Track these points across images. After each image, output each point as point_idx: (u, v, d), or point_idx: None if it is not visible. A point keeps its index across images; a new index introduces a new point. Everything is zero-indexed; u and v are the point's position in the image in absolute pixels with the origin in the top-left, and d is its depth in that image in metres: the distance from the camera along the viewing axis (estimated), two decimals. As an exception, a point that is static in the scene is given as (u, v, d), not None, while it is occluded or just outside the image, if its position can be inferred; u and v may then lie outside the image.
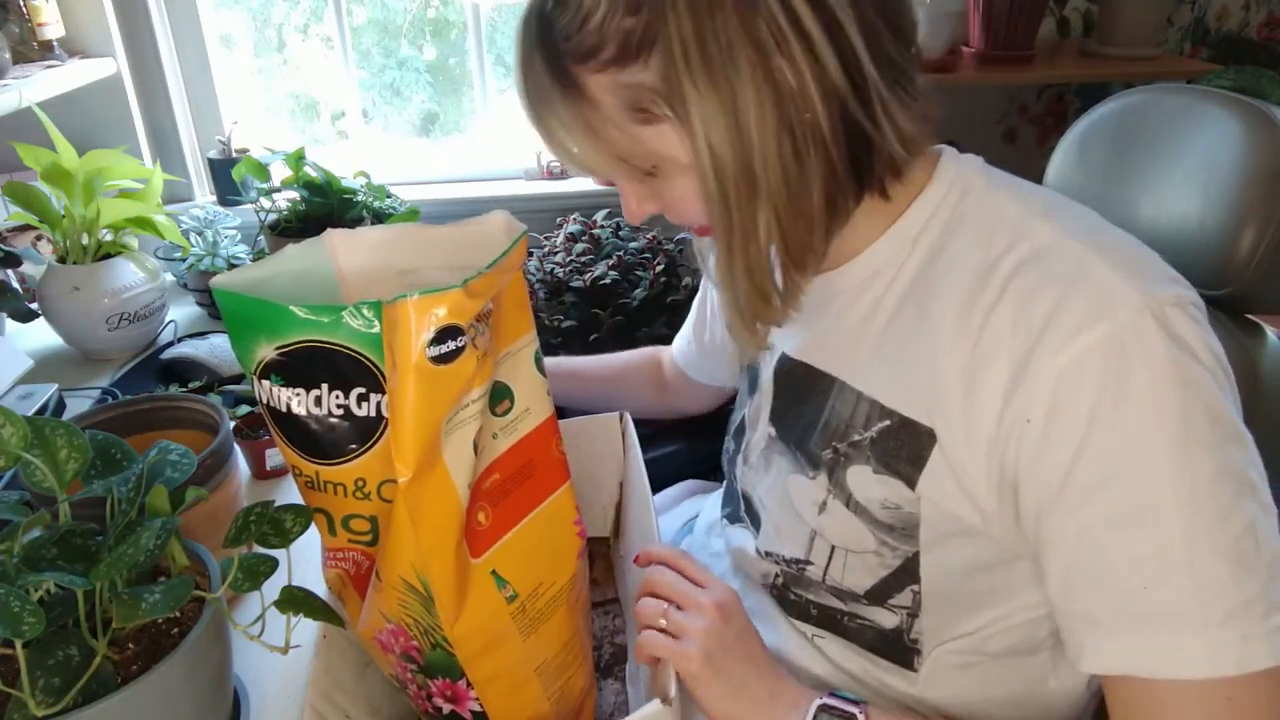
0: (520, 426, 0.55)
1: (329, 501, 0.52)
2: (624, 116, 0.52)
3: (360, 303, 0.47)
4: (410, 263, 0.57)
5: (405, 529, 0.48)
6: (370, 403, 0.49)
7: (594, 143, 0.54)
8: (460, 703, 0.56)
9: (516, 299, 0.55)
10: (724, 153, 0.50)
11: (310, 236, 0.57)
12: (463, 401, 0.49)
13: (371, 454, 0.50)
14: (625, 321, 1.62)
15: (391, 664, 0.57)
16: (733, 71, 0.48)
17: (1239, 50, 2.17)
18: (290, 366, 0.49)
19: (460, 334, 0.46)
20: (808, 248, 0.55)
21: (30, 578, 0.48)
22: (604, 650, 0.72)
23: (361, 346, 0.48)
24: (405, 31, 1.95)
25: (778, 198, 0.51)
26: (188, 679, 0.52)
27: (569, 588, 0.58)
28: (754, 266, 0.55)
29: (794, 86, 0.49)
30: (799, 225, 0.53)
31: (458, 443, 0.49)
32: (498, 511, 0.54)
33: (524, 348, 0.56)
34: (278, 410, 0.50)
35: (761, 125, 0.49)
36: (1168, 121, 0.75)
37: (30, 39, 1.40)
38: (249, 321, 0.49)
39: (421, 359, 0.45)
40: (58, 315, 1.19)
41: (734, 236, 0.54)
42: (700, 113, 0.49)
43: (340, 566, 0.55)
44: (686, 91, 0.49)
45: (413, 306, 0.44)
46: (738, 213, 0.52)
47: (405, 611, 0.52)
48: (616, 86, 0.51)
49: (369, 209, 1.32)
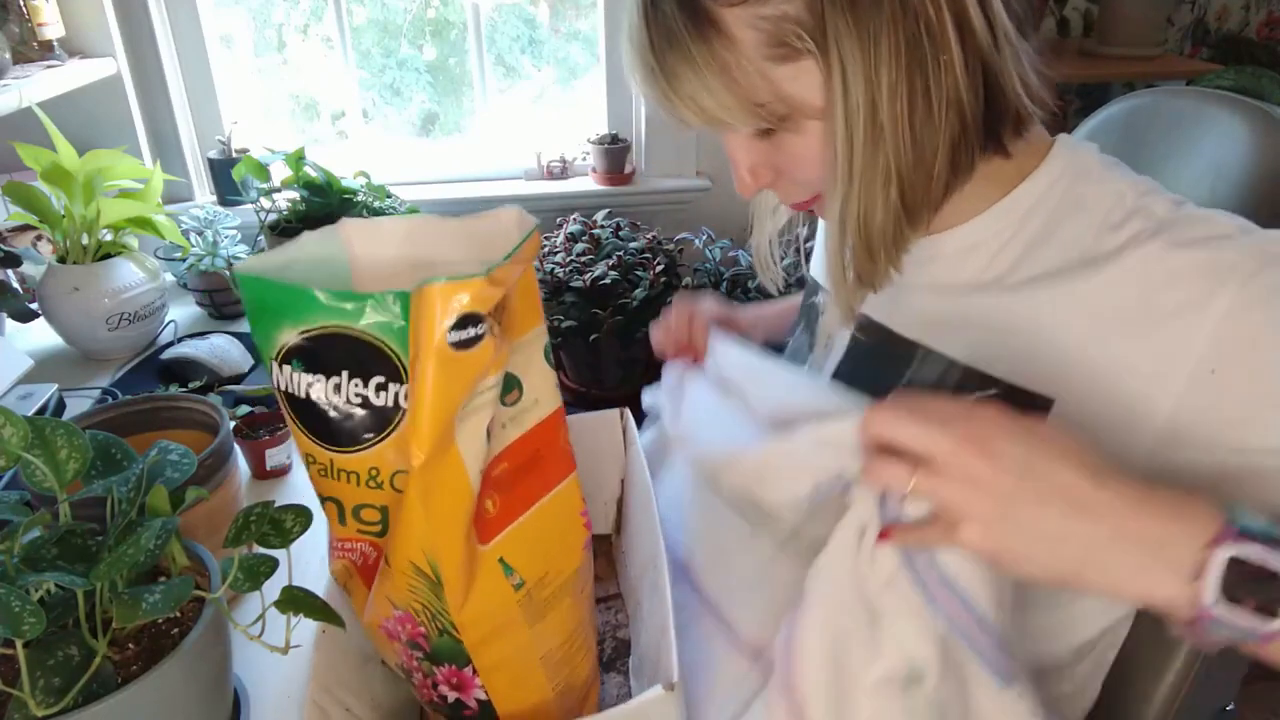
0: (529, 417, 0.56)
1: (341, 490, 0.52)
2: (763, 53, 0.51)
3: (386, 291, 0.47)
4: (423, 254, 0.57)
5: (417, 511, 0.49)
6: (389, 392, 0.49)
7: (729, 87, 0.53)
8: (466, 690, 0.56)
9: (527, 291, 0.55)
10: (857, 90, 0.50)
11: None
12: (479, 389, 0.49)
13: (386, 443, 0.50)
14: (625, 321, 1.62)
15: (397, 652, 0.57)
16: (875, 4, 0.48)
17: (1239, 50, 2.17)
18: (312, 352, 0.49)
19: (481, 321, 0.46)
20: (924, 200, 0.55)
21: (30, 578, 0.48)
22: (607, 644, 0.73)
23: (384, 335, 0.48)
24: (405, 31, 1.95)
25: (903, 142, 0.51)
26: (188, 679, 0.52)
27: (575, 578, 0.59)
28: (867, 218, 0.54)
29: (934, 22, 0.49)
30: (919, 175, 0.53)
31: (472, 429, 0.49)
32: (506, 500, 0.54)
33: (534, 340, 0.56)
34: (296, 396, 0.50)
35: (897, 63, 0.49)
36: (1173, 125, 0.75)
37: (30, 39, 1.40)
38: (271, 306, 0.49)
39: (443, 343, 0.45)
40: (58, 315, 1.19)
41: (853, 184, 0.53)
42: (843, 46, 0.49)
43: (347, 557, 0.55)
44: (831, 21, 0.49)
45: (438, 292, 0.45)
46: (860, 158, 0.52)
47: (413, 596, 0.52)
48: (758, 20, 0.50)
49: (369, 209, 1.32)
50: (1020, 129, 0.56)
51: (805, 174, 0.58)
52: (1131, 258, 0.53)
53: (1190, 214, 0.54)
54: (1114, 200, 0.56)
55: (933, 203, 0.56)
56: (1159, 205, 0.54)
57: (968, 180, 0.57)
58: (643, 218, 1.84)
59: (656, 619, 0.60)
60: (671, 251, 1.73)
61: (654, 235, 1.73)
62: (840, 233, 0.57)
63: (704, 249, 1.77)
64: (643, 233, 1.74)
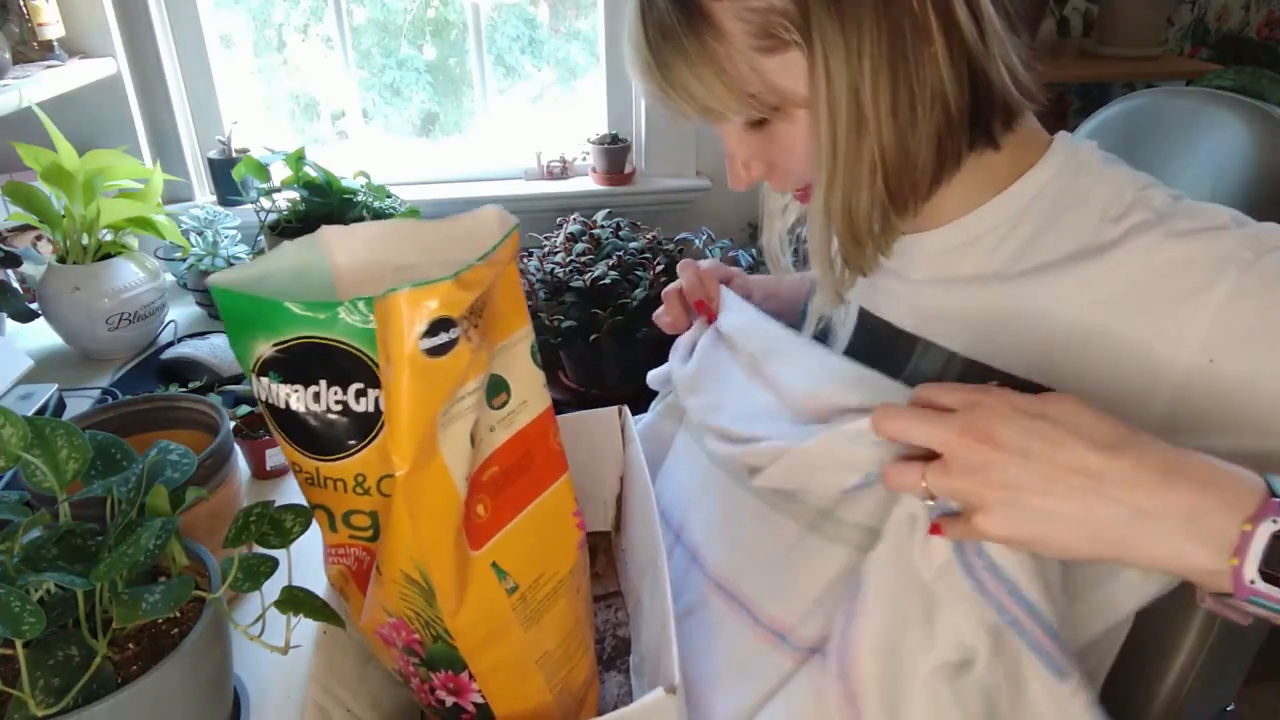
0: (517, 419, 0.56)
1: (329, 497, 0.52)
2: (751, 45, 0.53)
3: (356, 298, 0.47)
4: (405, 258, 0.57)
5: (403, 522, 0.48)
6: (368, 398, 0.49)
7: (721, 78, 0.54)
8: (463, 695, 0.56)
9: (510, 292, 0.55)
10: (840, 80, 0.51)
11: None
12: (458, 394, 0.49)
13: (371, 449, 0.50)
14: (625, 321, 1.62)
15: (394, 658, 0.57)
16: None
17: (1239, 50, 2.17)
18: (288, 363, 0.49)
19: (453, 326, 0.46)
20: (910, 189, 0.56)
21: (30, 578, 0.48)
22: (606, 643, 0.73)
23: (358, 342, 0.48)
24: (405, 31, 1.95)
25: (886, 131, 0.53)
26: (188, 679, 0.52)
27: (569, 579, 0.59)
28: (852, 206, 0.56)
29: (918, 15, 0.51)
30: (904, 163, 0.54)
31: (455, 435, 0.49)
32: (496, 503, 0.54)
33: (519, 341, 0.56)
34: (276, 407, 0.50)
35: (879, 53, 0.51)
36: (1174, 125, 0.75)
37: (30, 39, 1.40)
38: (246, 319, 0.49)
39: (415, 351, 0.45)
40: (58, 315, 1.19)
41: (837, 172, 0.54)
42: (826, 37, 0.51)
43: (342, 563, 0.55)
44: (815, 13, 0.51)
45: (404, 299, 0.44)
46: (844, 146, 0.53)
47: (406, 605, 0.52)
48: (746, 12, 0.52)
49: (369, 209, 1.32)
50: (1010, 122, 0.57)
51: (796, 164, 0.59)
52: (1131, 247, 0.54)
53: (1188, 206, 0.54)
54: (1114, 193, 0.56)
55: (920, 192, 0.57)
56: (1157, 198, 0.55)
57: (956, 171, 0.58)
58: (643, 218, 1.83)
59: (657, 618, 0.60)
60: (671, 251, 1.73)
61: (654, 235, 1.73)
62: (826, 220, 0.58)
63: (704, 249, 1.77)
64: (643, 233, 1.74)
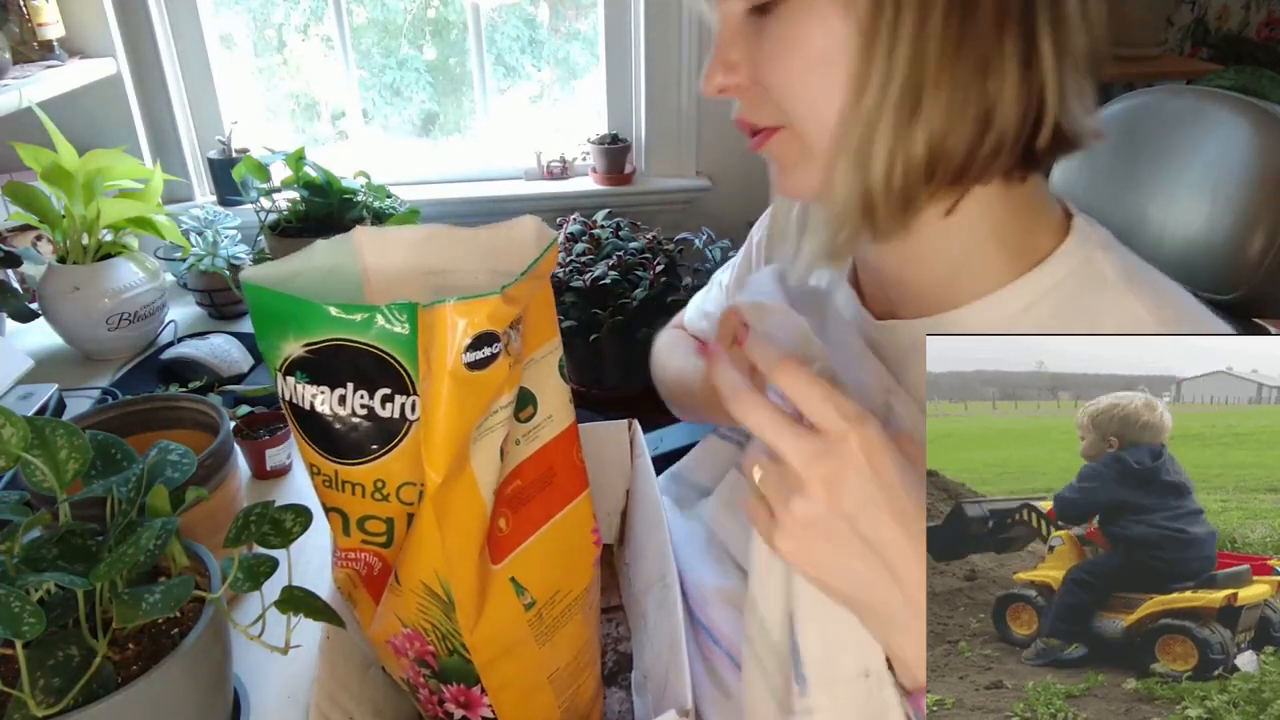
0: (542, 433, 0.55)
1: (346, 501, 0.52)
2: None
3: (393, 304, 0.46)
4: (437, 264, 0.56)
5: (432, 533, 0.48)
6: (395, 404, 0.48)
7: None
8: (473, 709, 0.56)
9: (543, 305, 0.54)
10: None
11: (310, 237, 0.57)
12: (493, 408, 0.48)
13: (392, 455, 0.49)
14: (625, 321, 1.62)
15: (404, 668, 0.57)
16: None
17: (1239, 50, 2.17)
18: (317, 364, 0.48)
19: (496, 340, 0.45)
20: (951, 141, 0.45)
21: (30, 578, 0.48)
22: (608, 658, 0.72)
23: (391, 347, 0.47)
24: (405, 31, 1.95)
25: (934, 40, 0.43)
26: (188, 679, 0.52)
27: (584, 595, 0.58)
28: (891, 159, 0.46)
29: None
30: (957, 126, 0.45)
31: (486, 449, 0.49)
32: (518, 518, 0.54)
33: (548, 354, 0.55)
34: (300, 408, 0.50)
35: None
36: (1175, 124, 0.75)
37: (30, 39, 1.40)
38: (278, 317, 0.48)
39: (458, 364, 0.45)
40: (58, 315, 1.19)
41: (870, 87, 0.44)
42: None
43: (351, 567, 0.55)
44: None
45: (452, 311, 0.44)
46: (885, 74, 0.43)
47: (424, 616, 0.52)
48: None
49: (369, 209, 1.32)
50: (1056, 151, 0.49)
51: (786, 78, 0.48)
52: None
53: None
54: (1128, 324, 0.49)
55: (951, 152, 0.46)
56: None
57: (976, 184, 0.49)
58: (643, 218, 1.84)
59: (664, 635, 0.59)
60: (671, 251, 1.73)
61: (654, 235, 1.73)
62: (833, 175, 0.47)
63: (704, 249, 1.77)
64: (643, 233, 1.74)
